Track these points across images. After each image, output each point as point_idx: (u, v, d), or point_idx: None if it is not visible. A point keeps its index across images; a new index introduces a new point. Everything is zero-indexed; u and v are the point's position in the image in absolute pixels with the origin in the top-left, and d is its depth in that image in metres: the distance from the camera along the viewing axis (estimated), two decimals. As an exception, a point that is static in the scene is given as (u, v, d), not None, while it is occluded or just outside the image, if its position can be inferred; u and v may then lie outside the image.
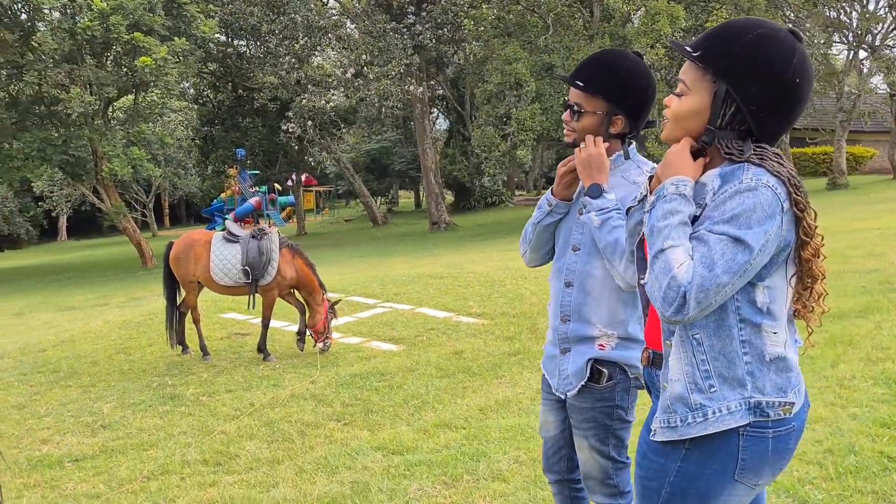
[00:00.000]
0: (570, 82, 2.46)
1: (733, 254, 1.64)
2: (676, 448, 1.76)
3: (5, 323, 14.92)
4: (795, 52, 1.75)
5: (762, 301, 1.74)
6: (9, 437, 5.89)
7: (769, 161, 1.74)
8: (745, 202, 1.67)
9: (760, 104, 1.75)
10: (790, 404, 1.76)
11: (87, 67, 22.54)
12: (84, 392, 6.94)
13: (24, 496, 4.71)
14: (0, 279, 27.57)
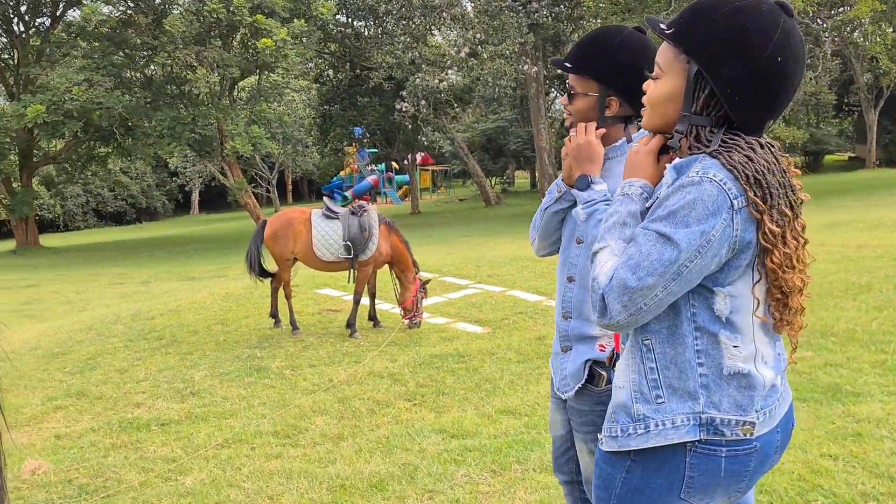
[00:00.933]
0: (559, 65, 2.33)
1: (659, 254, 1.50)
2: (622, 459, 1.64)
3: (132, 290, 15.95)
4: (779, 26, 1.53)
5: (720, 309, 1.57)
6: (107, 399, 6.28)
7: (734, 152, 1.55)
8: (685, 198, 1.51)
9: (736, 86, 1.55)
10: (750, 424, 1.59)
11: (213, 49, 23.56)
12: (181, 360, 7.30)
13: (110, 455, 5.01)
14: (135, 249, 29.48)
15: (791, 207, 1.58)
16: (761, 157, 1.56)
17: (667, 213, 1.51)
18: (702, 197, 1.49)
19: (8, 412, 6.25)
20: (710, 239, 1.49)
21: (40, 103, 22.95)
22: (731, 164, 1.52)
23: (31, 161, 31.02)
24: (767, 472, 1.76)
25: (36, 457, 5.05)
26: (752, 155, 1.55)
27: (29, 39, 30.77)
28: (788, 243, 1.56)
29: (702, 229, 1.48)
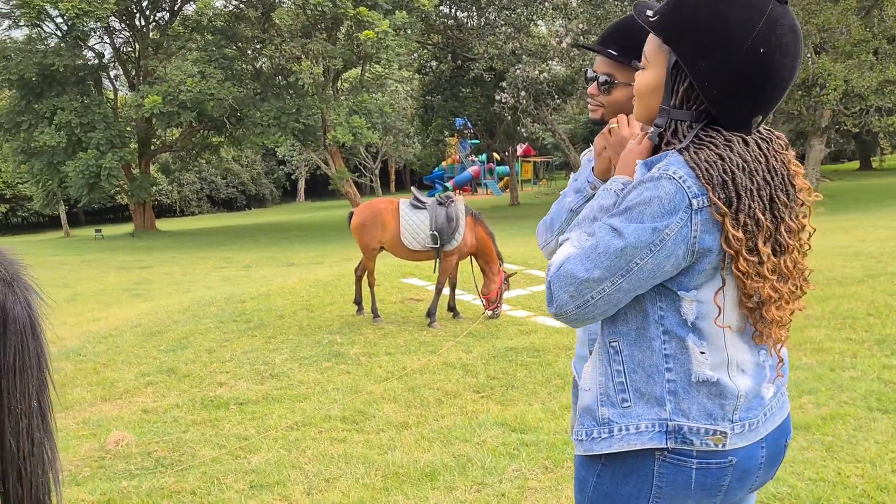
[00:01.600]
0: (601, 52, 2.19)
1: (606, 246, 1.44)
2: (594, 462, 1.57)
3: (234, 274, 16.62)
4: (764, 15, 1.42)
5: (686, 314, 1.48)
6: (193, 378, 6.57)
7: (704, 150, 1.44)
8: (642, 194, 1.43)
9: (714, 79, 1.44)
10: (721, 434, 1.49)
11: (318, 41, 24.17)
12: (265, 343, 7.55)
13: (189, 431, 5.24)
14: (242, 234, 30.68)
15: (773, 211, 1.47)
16: (738, 156, 1.45)
17: (624, 207, 1.45)
18: (659, 194, 1.42)
19: (103, 386, 6.63)
20: (663, 238, 1.41)
21: (157, 94, 24.18)
22: (693, 162, 1.42)
23: (149, 149, 32.73)
24: (757, 488, 1.65)
25: (122, 429, 5.33)
26: (724, 153, 1.44)
27: (149, 33, 32.43)
28: (760, 251, 1.44)
29: (654, 226, 1.41)
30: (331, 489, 3.93)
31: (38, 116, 28.05)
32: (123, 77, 34.05)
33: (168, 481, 4.29)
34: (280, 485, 4.07)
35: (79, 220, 47.35)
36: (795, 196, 1.52)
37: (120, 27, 32.67)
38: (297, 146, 43.94)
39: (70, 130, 27.19)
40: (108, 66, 32.95)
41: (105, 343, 8.13)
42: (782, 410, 1.63)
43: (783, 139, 1.58)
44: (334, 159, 27.76)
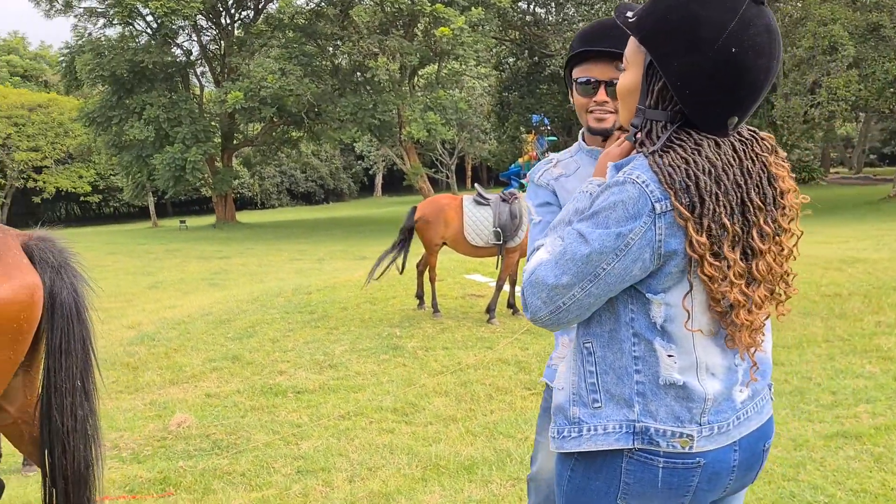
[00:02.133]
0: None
1: (573, 253, 1.44)
2: (569, 458, 1.58)
3: (307, 266, 17.02)
4: (737, 15, 1.40)
5: (656, 317, 1.48)
6: (256, 365, 6.79)
7: (669, 153, 1.43)
8: (608, 199, 1.44)
9: (686, 79, 1.43)
10: (688, 437, 1.48)
11: (395, 38, 24.46)
12: (327, 334, 7.73)
13: (247, 416, 5.44)
14: (318, 227, 31.34)
15: (745, 214, 1.44)
16: (705, 160, 1.43)
17: (591, 212, 1.46)
18: (622, 199, 1.42)
19: (172, 370, 6.92)
20: (628, 242, 1.41)
21: (239, 90, 24.91)
22: (657, 167, 1.42)
23: (232, 143, 33.77)
24: (735, 491, 1.62)
25: (185, 412, 5.56)
26: (690, 157, 1.42)
27: (234, 31, 33.44)
28: (727, 255, 1.41)
29: (619, 231, 1.41)
30: (372, 478, 4.02)
31: (128, 111, 29.30)
32: (209, 74, 35.21)
33: (222, 463, 4.46)
34: (325, 471, 4.19)
35: (166, 211, 49.24)
36: (776, 199, 1.49)
37: (206, 25, 33.80)
38: (375, 142, 44.58)
39: (158, 125, 28.32)
40: (194, 63, 34.16)
41: (177, 329, 8.47)
42: (760, 415, 1.60)
43: (769, 140, 1.55)
44: (409, 155, 28.06)
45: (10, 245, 2.58)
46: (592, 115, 2.13)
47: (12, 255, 2.55)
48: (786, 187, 1.51)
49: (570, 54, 2.16)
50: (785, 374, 5.40)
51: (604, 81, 2.10)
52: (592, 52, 2.08)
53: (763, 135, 1.56)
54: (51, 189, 43.91)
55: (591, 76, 2.10)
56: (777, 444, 4.00)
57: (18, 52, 58.18)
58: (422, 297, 8.51)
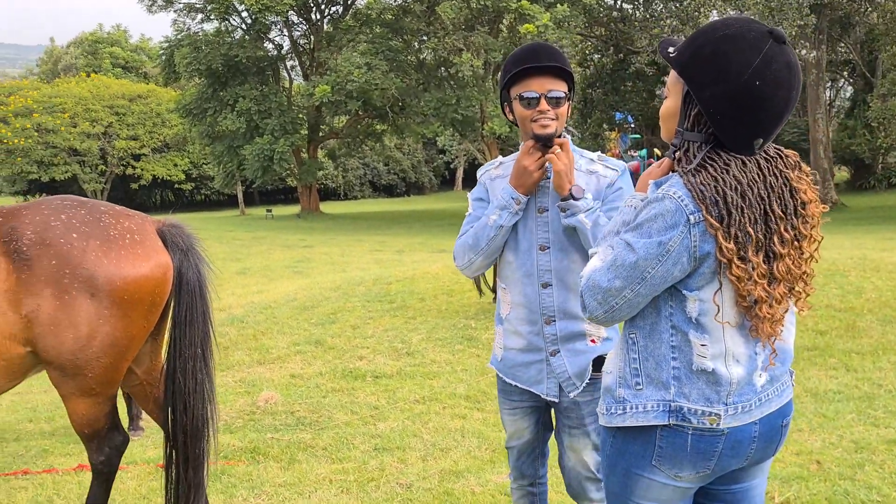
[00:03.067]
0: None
1: (623, 260, 1.71)
2: (612, 428, 1.85)
3: (386, 258, 17.47)
4: (761, 53, 1.66)
5: (691, 312, 1.73)
6: (337, 350, 7.17)
7: (702, 172, 1.68)
8: (650, 212, 1.71)
9: (717, 107, 1.70)
10: (716, 415, 1.73)
11: (480, 34, 24.69)
12: (405, 322, 8.05)
13: (328, 397, 5.80)
14: (399, 220, 31.91)
15: (767, 223, 1.68)
16: (732, 178, 1.68)
17: (636, 224, 1.73)
18: (662, 212, 1.69)
19: (259, 351, 7.37)
20: (668, 249, 1.67)
21: (326, 84, 25.63)
22: (690, 185, 1.68)
23: (318, 135, 34.68)
24: (757, 462, 1.82)
25: (272, 390, 5.96)
26: (720, 176, 1.68)
27: (323, 26, 34.31)
28: (751, 259, 1.66)
29: (660, 240, 1.67)
30: (443, 457, 4.29)
31: (222, 103, 30.49)
32: (298, 68, 36.22)
33: (305, 437, 4.82)
34: (400, 449, 4.48)
35: (253, 200, 50.89)
36: (797, 209, 1.73)
37: (297, 20, 34.79)
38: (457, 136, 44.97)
39: (249, 117, 29.38)
40: (285, 57, 35.22)
41: (264, 313, 8.95)
42: (780, 398, 1.84)
43: (793, 157, 1.79)
44: (490, 150, 28.27)
45: (148, 230, 3.05)
46: (537, 123, 2.41)
47: (150, 239, 3.02)
48: (807, 199, 1.75)
49: (509, 76, 2.45)
50: (856, 380, 5.41)
51: (542, 94, 2.41)
52: (531, 70, 2.39)
53: (788, 152, 1.80)
54: (147, 176, 45.95)
55: (532, 90, 2.40)
56: (839, 445, 4.08)
57: (121, 44, 61.04)
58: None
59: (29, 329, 2.80)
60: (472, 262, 2.46)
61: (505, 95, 2.51)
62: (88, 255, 2.84)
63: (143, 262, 2.94)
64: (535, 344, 2.47)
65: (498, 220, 2.38)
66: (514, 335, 2.51)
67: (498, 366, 2.61)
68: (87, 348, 2.84)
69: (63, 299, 2.79)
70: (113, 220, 2.99)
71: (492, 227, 2.39)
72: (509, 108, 2.51)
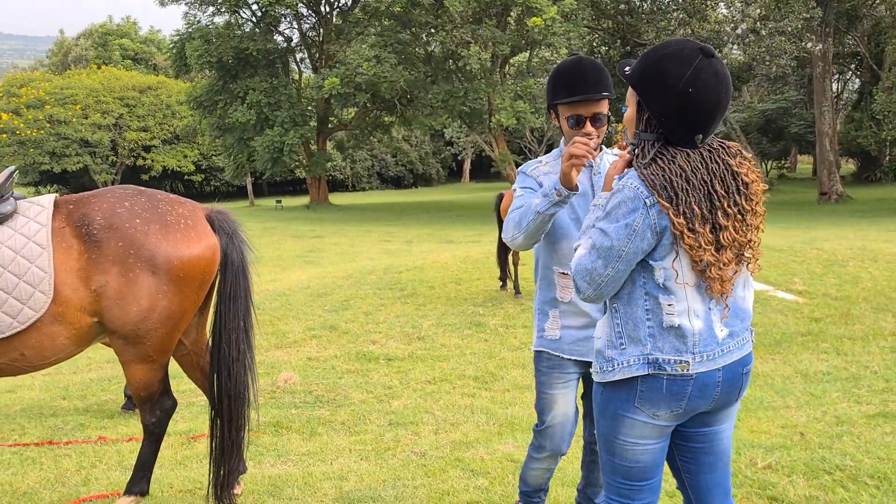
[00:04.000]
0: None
1: (600, 244, 2.09)
2: (602, 381, 2.22)
3: (395, 248, 17.78)
4: (691, 66, 2.03)
5: (658, 278, 2.11)
6: (351, 335, 7.49)
7: (652, 165, 2.06)
8: (614, 202, 2.10)
9: (661, 111, 2.08)
10: (685, 363, 2.08)
11: (487, 27, 24.91)
12: (416, 309, 8.37)
13: (344, 377, 6.12)
14: (407, 211, 32.21)
15: (711, 201, 2.05)
16: (678, 166, 2.06)
17: (605, 213, 2.12)
18: (623, 200, 2.08)
19: (277, 336, 7.71)
20: (634, 229, 2.05)
21: (335, 77, 25.90)
22: (642, 175, 2.08)
23: (327, 127, 34.98)
24: (723, 406, 2.16)
25: (290, 371, 6.28)
26: (666, 166, 2.06)
27: (332, 19, 34.55)
28: (698, 230, 2.03)
29: (626, 223, 2.06)
30: (454, 431, 4.60)
31: (232, 96, 30.82)
32: (308, 60, 36.50)
33: (324, 413, 5.14)
34: (413, 424, 4.80)
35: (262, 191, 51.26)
36: (738, 188, 2.10)
37: (307, 13, 35.04)
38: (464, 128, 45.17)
39: (259, 109, 29.70)
40: (294, 49, 35.49)
41: (280, 300, 9.28)
42: (741, 350, 2.19)
43: (733, 147, 2.18)
44: (498, 142, 28.53)
45: (199, 216, 3.41)
46: (580, 142, 2.68)
47: (201, 223, 3.39)
48: (748, 179, 2.12)
49: (560, 99, 2.74)
50: (845, 363, 5.70)
51: (587, 117, 2.73)
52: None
53: (730, 144, 2.18)
54: (158, 167, 46.38)
55: (579, 114, 2.72)
56: (822, 420, 4.38)
57: (130, 36, 61.42)
58: (505, 280, 9.04)
59: (97, 302, 3.17)
60: (514, 238, 2.70)
61: (554, 107, 2.82)
62: (150, 238, 3.21)
63: (196, 244, 3.29)
64: (595, 320, 2.72)
65: (539, 204, 2.60)
66: (578, 315, 2.81)
67: (555, 345, 2.88)
68: (148, 319, 3.20)
69: (128, 276, 3.16)
70: (169, 206, 3.35)
71: (532, 210, 2.61)
72: (555, 115, 2.83)
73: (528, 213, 2.63)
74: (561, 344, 2.86)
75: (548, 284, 2.91)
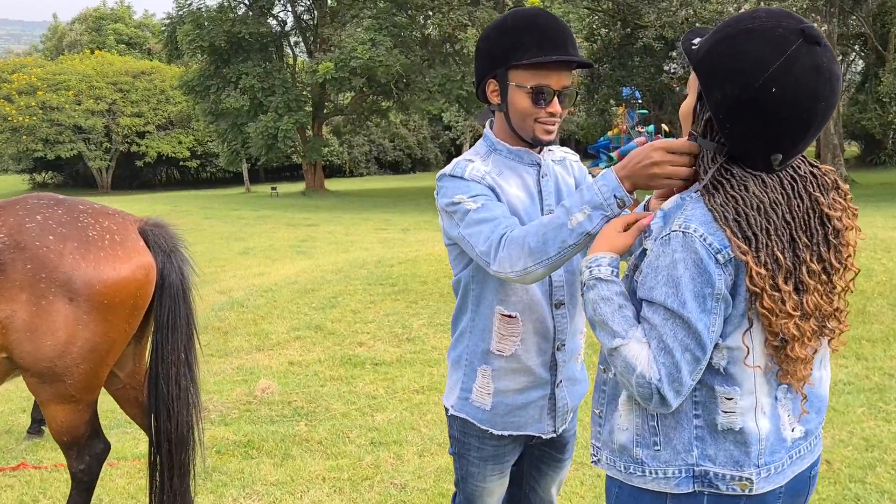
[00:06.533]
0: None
1: (684, 333, 1.44)
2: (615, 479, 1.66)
3: (391, 237, 17.33)
4: (784, 54, 1.40)
5: (717, 361, 1.50)
6: (337, 335, 7.07)
7: (719, 192, 1.46)
8: (667, 260, 1.46)
9: (726, 112, 1.46)
10: (747, 480, 1.51)
11: (484, 9, 24.34)
12: (407, 307, 7.93)
13: (326, 385, 5.70)
14: (404, 197, 31.73)
15: (795, 251, 1.46)
16: (755, 196, 1.45)
17: (662, 281, 1.46)
18: (682, 257, 1.44)
19: (259, 336, 7.25)
20: (714, 303, 1.44)
21: (330, 61, 25.35)
22: (711, 206, 1.45)
23: (322, 113, 34.41)
24: None
25: (270, 378, 5.87)
26: (739, 194, 1.45)
27: (327, 1, 33.88)
28: (782, 289, 1.44)
29: (700, 295, 1.43)
30: (440, 453, 4.18)
31: (224, 81, 30.23)
32: (303, 44, 35.87)
33: (301, 430, 4.72)
34: (397, 444, 4.37)
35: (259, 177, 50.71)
36: (827, 237, 1.50)
37: (301, -5, 34.40)
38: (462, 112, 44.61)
39: (253, 94, 29.13)
40: (289, 33, 34.85)
41: (265, 297, 8.84)
42: (812, 454, 1.63)
43: (829, 176, 1.56)
44: (496, 127, 28.04)
45: (129, 230, 2.94)
46: (541, 126, 1.99)
47: (132, 239, 2.90)
48: (841, 226, 1.52)
49: (522, 59, 1.93)
50: (866, 370, 5.27)
51: (557, 91, 1.97)
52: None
53: (825, 170, 1.56)
54: (152, 154, 45.80)
55: (546, 84, 1.94)
56: (849, 442, 3.95)
57: (124, 20, 60.66)
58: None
59: (4, 335, 2.70)
60: (529, 271, 1.78)
61: (500, 72, 1.97)
62: (66, 258, 2.72)
63: (124, 264, 2.82)
64: (542, 378, 2.10)
65: (586, 223, 1.69)
66: (519, 373, 2.08)
67: (484, 417, 2.13)
68: (66, 354, 2.73)
69: (40, 305, 2.68)
70: (92, 219, 2.86)
71: (573, 230, 1.70)
72: (498, 89, 2.00)
73: (559, 233, 1.72)
74: (493, 416, 2.12)
75: (482, 330, 2.10)
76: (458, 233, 1.97)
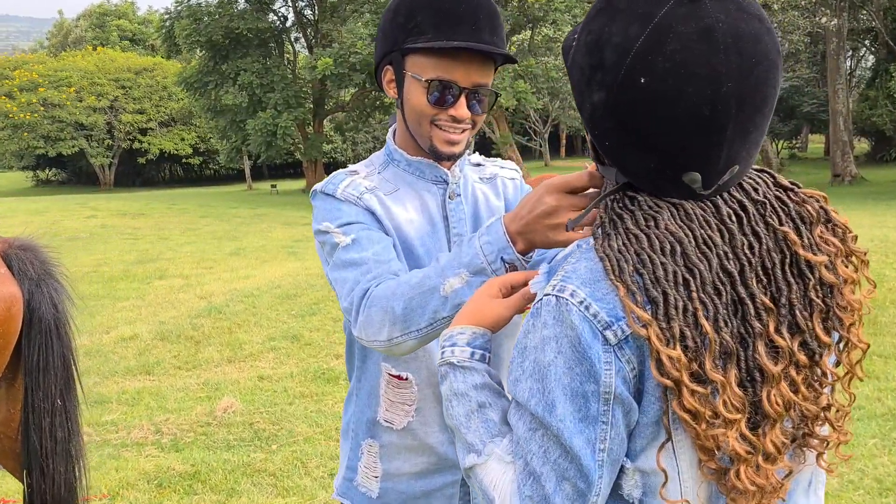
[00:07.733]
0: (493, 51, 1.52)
1: (558, 453, 0.94)
2: None
3: (388, 236, 16.95)
4: (649, 25, 0.91)
5: (629, 491, 0.99)
6: (314, 346, 6.69)
7: (619, 232, 0.97)
8: (535, 339, 0.96)
9: (598, 126, 1.00)
10: None
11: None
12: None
13: (294, 404, 5.32)
14: (406, 195, 31.33)
15: (744, 317, 0.94)
16: (668, 234, 0.95)
17: (529, 373, 0.97)
18: (558, 337, 0.94)
19: (232, 347, 6.83)
20: (601, 408, 0.93)
21: (329, 57, 24.94)
22: (604, 253, 0.95)
23: (323, 109, 34.01)
24: None
25: (236, 395, 5.48)
26: (644, 231, 0.96)
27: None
28: (711, 377, 0.91)
29: (576, 390, 0.93)
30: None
31: (223, 77, 29.84)
32: (303, 40, 35.48)
33: (257, 458, 4.32)
34: (356, 477, 3.96)
35: (262, 174, 50.41)
36: (806, 293, 0.97)
37: (302, -10, 33.97)
38: (466, 109, 44.18)
39: (251, 91, 28.74)
40: (289, 29, 34.45)
41: (245, 303, 8.45)
42: None
43: (812, 203, 1.02)
44: (498, 123, 27.58)
45: None
46: (441, 133, 1.50)
47: None
48: (833, 278, 0.97)
49: (418, 40, 1.45)
50: (878, 391, 4.82)
51: (466, 89, 1.48)
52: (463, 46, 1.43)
53: (807, 193, 1.03)
54: (155, 150, 45.52)
55: (450, 79, 1.46)
56: (859, 484, 3.51)
57: (128, 16, 60.46)
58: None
59: None
60: (395, 343, 1.35)
61: (394, 56, 1.51)
62: None
63: None
64: (449, 460, 1.59)
65: (464, 291, 1.29)
66: (415, 452, 1.59)
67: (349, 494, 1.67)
68: None
69: None
70: None
71: (447, 299, 1.30)
72: (394, 79, 1.54)
73: (431, 299, 1.30)
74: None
75: (367, 393, 1.62)
76: (327, 273, 1.54)
